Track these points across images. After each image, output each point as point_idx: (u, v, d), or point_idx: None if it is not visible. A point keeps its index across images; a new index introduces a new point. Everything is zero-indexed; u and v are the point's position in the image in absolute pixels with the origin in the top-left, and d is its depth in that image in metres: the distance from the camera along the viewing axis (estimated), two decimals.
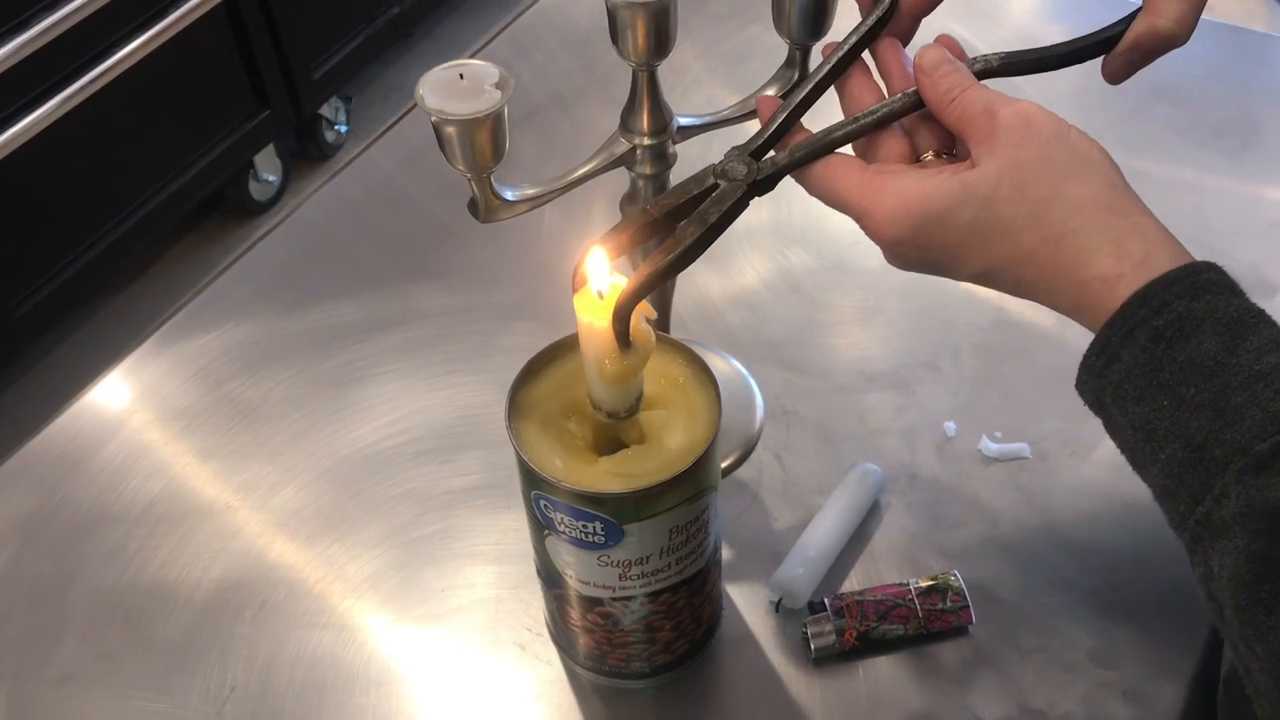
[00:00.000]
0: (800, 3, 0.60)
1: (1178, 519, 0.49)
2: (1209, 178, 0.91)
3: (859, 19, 0.57)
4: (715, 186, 0.54)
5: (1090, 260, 0.50)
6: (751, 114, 0.62)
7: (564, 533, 0.56)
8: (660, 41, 0.56)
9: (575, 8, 1.08)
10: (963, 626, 0.66)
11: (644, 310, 0.52)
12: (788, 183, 0.55)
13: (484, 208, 0.58)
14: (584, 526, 0.55)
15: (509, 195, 0.58)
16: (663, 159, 0.61)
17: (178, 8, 1.83)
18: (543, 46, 1.03)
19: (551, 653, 0.66)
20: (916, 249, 0.53)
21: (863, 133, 0.55)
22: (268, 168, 2.18)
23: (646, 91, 0.58)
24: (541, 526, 0.57)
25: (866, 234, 0.54)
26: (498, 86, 0.53)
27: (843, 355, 0.80)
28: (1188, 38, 0.53)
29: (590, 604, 0.60)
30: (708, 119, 0.62)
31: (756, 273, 0.85)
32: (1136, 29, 0.54)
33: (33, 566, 0.72)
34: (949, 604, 0.66)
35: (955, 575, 0.66)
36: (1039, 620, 0.67)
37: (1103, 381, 0.50)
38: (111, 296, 2.03)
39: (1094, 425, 0.74)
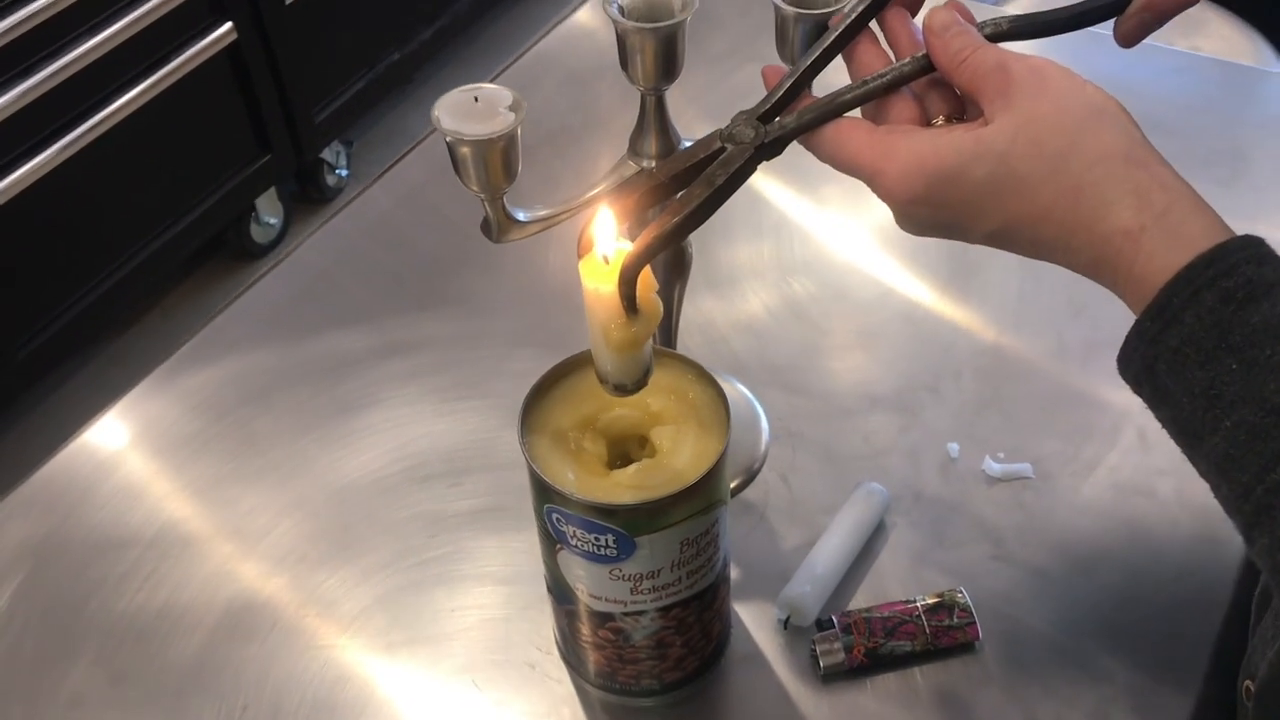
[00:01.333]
0: (802, 33, 0.61)
1: (1240, 489, 0.46)
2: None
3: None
4: (722, 150, 0.53)
5: (1110, 212, 0.48)
6: None
7: (576, 546, 0.57)
8: (668, 66, 0.58)
9: (571, 53, 1.10)
10: (969, 642, 0.66)
11: (647, 279, 0.51)
12: (790, 221, 0.56)
13: (497, 228, 0.59)
14: (596, 539, 0.56)
15: (521, 216, 0.59)
16: None
17: (181, 54, 1.85)
18: (540, 88, 1.05)
19: (561, 671, 0.67)
20: (930, 208, 0.51)
21: (872, 96, 0.53)
22: (269, 211, 2.20)
23: (655, 115, 0.60)
24: (553, 541, 0.58)
25: (879, 195, 0.52)
26: (511, 109, 0.55)
27: (845, 379, 0.81)
28: None
29: (601, 619, 0.60)
30: None
31: (760, 300, 0.87)
32: None
33: (45, 590, 0.72)
34: (956, 620, 0.66)
35: (962, 592, 0.67)
36: (1045, 636, 0.67)
37: (1157, 347, 0.48)
38: (113, 339, 2.04)
39: (1094, 445, 0.76)
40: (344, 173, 2.34)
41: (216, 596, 0.72)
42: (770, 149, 0.53)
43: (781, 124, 0.53)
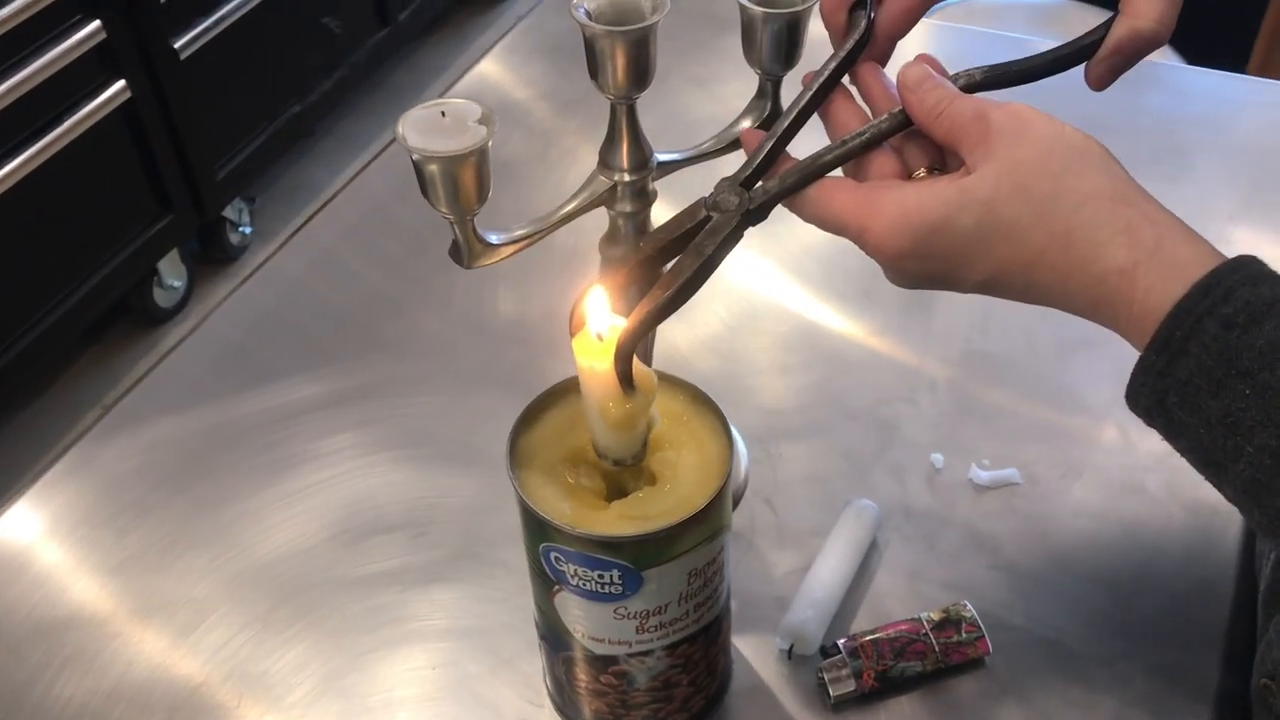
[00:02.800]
0: (771, 34, 0.59)
1: (1272, 514, 0.46)
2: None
3: (832, 49, 0.57)
4: (708, 219, 0.53)
5: (1102, 253, 0.48)
6: (730, 147, 0.61)
7: (577, 586, 0.53)
8: (639, 73, 0.55)
9: (490, 95, 1.07)
10: (980, 658, 0.64)
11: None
12: (748, 237, 0.54)
13: (468, 252, 0.55)
14: (600, 576, 0.52)
15: (493, 239, 0.56)
16: (643, 196, 0.59)
17: (72, 114, 1.78)
18: None
19: None
20: (919, 261, 0.51)
21: (851, 155, 0.54)
22: (172, 273, 2.12)
23: (626, 126, 0.57)
24: (550, 583, 0.54)
25: (867, 252, 0.52)
26: (481, 123, 0.51)
27: (819, 395, 0.79)
28: (1169, 36, 0.53)
29: (603, 664, 0.56)
30: (688, 153, 0.60)
31: (720, 320, 0.84)
32: (1117, 33, 0.53)
33: None
34: (964, 635, 0.64)
35: (967, 606, 0.64)
36: (1055, 645, 0.65)
37: (1166, 381, 0.47)
38: (14, 415, 1.94)
39: (1078, 446, 0.75)
40: (248, 230, 2.27)
41: (170, 676, 0.66)
42: (756, 214, 0.53)
43: (765, 188, 0.53)
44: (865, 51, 0.57)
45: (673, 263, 0.52)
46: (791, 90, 0.62)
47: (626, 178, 0.58)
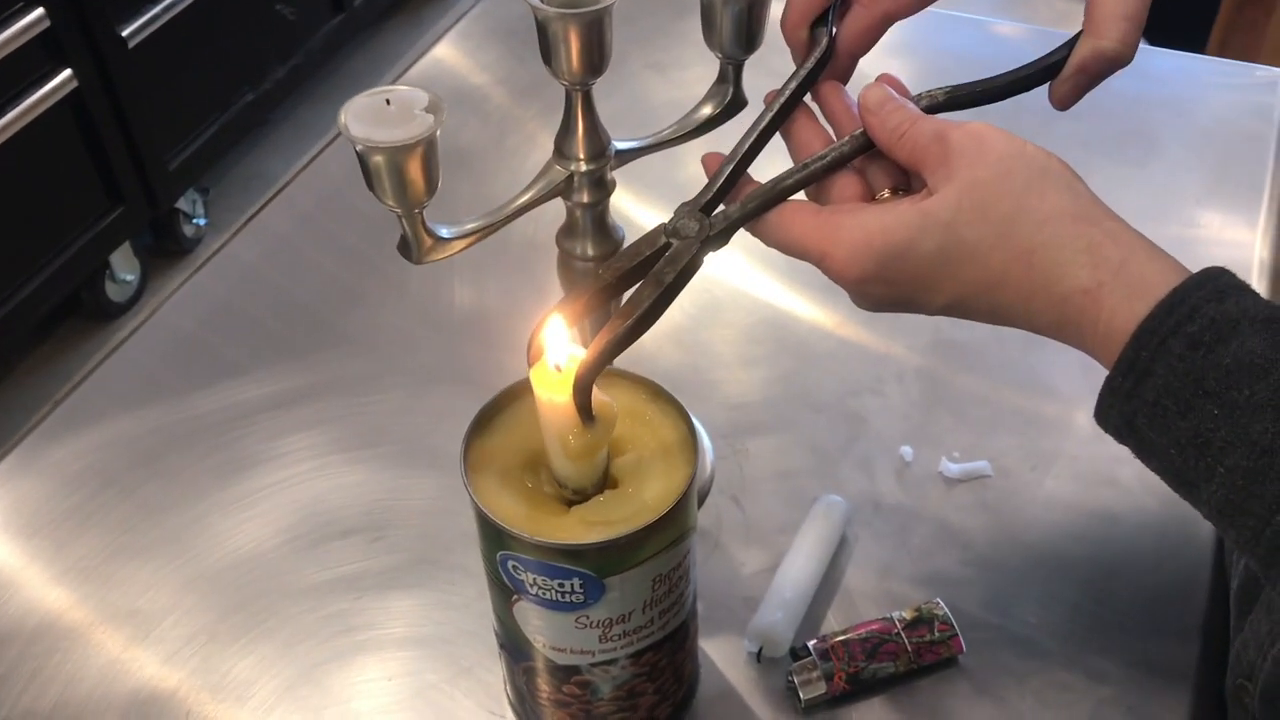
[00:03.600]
0: (731, 16, 0.57)
1: (1248, 534, 0.45)
2: (1118, 189, 0.90)
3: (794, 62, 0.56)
4: (668, 246, 0.52)
5: (1065, 273, 0.48)
6: (691, 134, 0.59)
7: (536, 595, 0.51)
8: (594, 58, 0.53)
9: (432, 88, 1.05)
10: (953, 657, 0.62)
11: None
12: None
13: (418, 247, 0.53)
14: (560, 585, 0.50)
15: (444, 233, 0.53)
16: (601, 186, 0.57)
17: (16, 105, 1.74)
18: None
19: None
20: (883, 285, 0.50)
21: (814, 179, 0.53)
22: (124, 267, 2.08)
23: (582, 113, 0.55)
24: (509, 592, 0.52)
25: (830, 277, 0.52)
26: (428, 110, 0.49)
27: (786, 388, 0.77)
28: (1133, 56, 0.52)
29: (565, 674, 0.54)
30: (648, 141, 0.58)
31: (683, 311, 0.82)
32: (1081, 52, 0.52)
33: None
34: (937, 634, 0.62)
35: (939, 604, 0.63)
36: (1029, 641, 0.63)
37: (1134, 402, 0.47)
38: None
39: (1049, 436, 0.73)
40: (202, 221, 2.22)
41: (116, 690, 0.63)
42: (716, 240, 0.52)
43: (726, 214, 0.52)
44: (827, 69, 0.56)
45: (631, 291, 0.51)
46: (753, 75, 0.60)
47: (583, 167, 0.56)
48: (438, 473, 0.73)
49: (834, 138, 0.54)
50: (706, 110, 0.59)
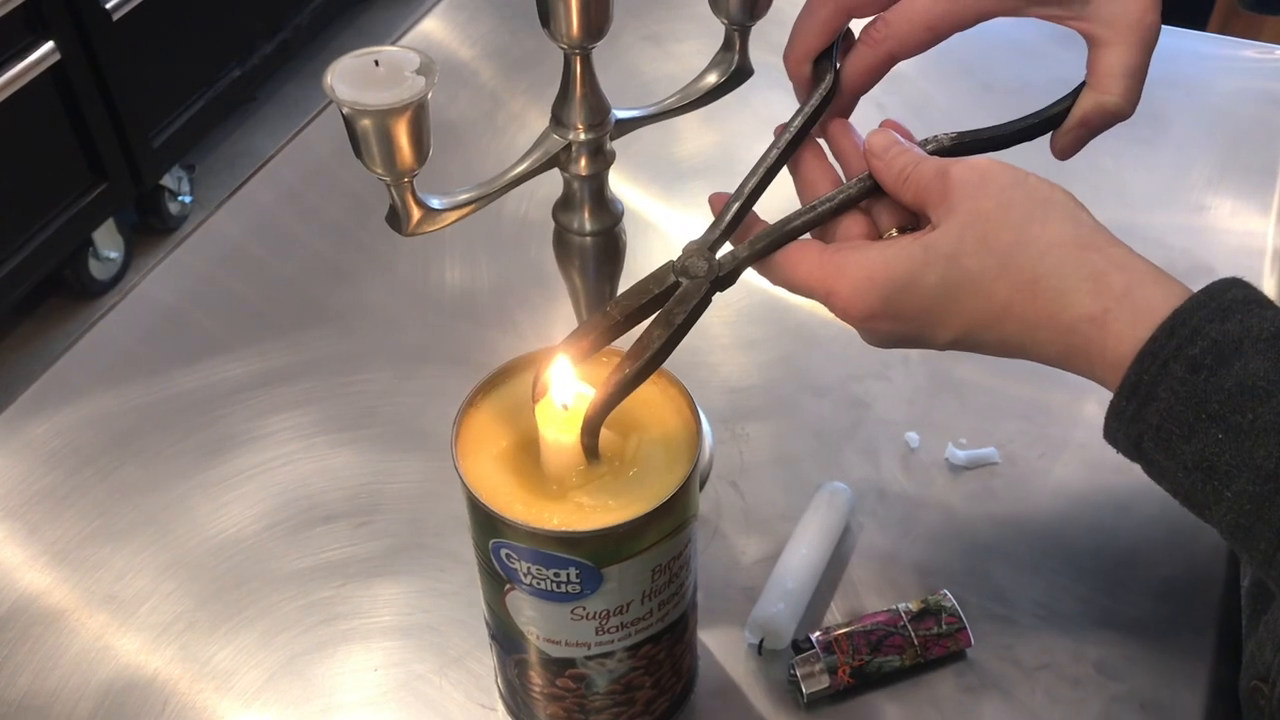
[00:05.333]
0: None
1: (1260, 556, 0.44)
2: (1128, 169, 0.89)
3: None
4: (676, 285, 0.51)
5: (1070, 301, 0.47)
6: (694, 104, 0.57)
7: (530, 585, 0.48)
8: (597, 18, 0.50)
9: (434, 53, 1.02)
10: (961, 650, 0.60)
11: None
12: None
13: (406, 218, 0.50)
14: (556, 575, 0.47)
15: (435, 203, 0.51)
16: (600, 156, 0.55)
17: None
18: None
19: None
20: (889, 321, 0.50)
21: (821, 220, 0.52)
22: (108, 244, 2.04)
23: (580, 78, 0.52)
24: (501, 581, 0.49)
25: (836, 314, 0.51)
26: (419, 73, 0.46)
27: (786, 371, 0.75)
28: (1133, 111, 0.53)
29: (560, 667, 0.52)
30: (650, 110, 0.56)
31: None
32: (1083, 106, 0.53)
33: None
34: (944, 627, 0.60)
35: (946, 595, 0.61)
36: (1038, 634, 0.61)
37: (1139, 426, 0.46)
38: None
39: (1057, 422, 0.71)
40: (187, 199, 2.19)
41: (91, 678, 0.61)
42: (724, 281, 0.52)
43: (735, 255, 0.52)
44: (831, 106, 0.55)
45: (643, 327, 0.50)
46: (758, 47, 0.58)
47: (582, 136, 0.53)
48: (426, 455, 0.70)
49: (842, 175, 0.54)
50: (711, 79, 0.57)
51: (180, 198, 2.18)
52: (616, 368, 0.49)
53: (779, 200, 0.55)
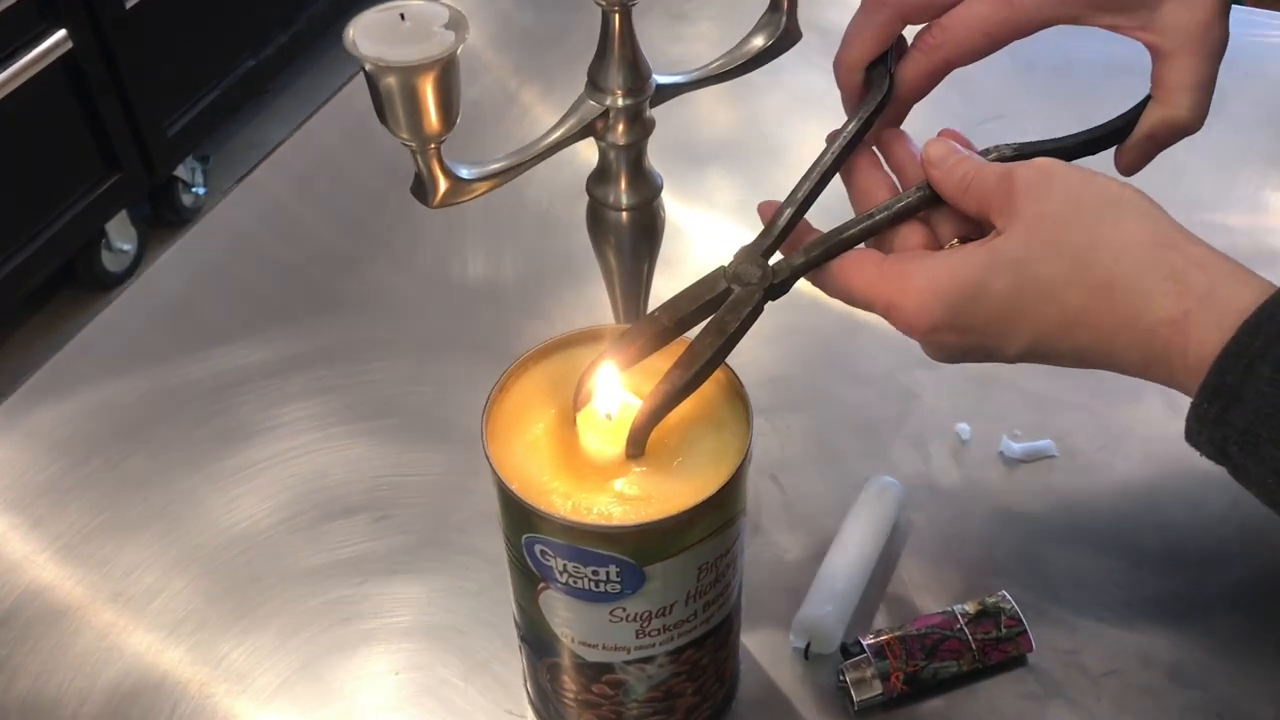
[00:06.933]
0: None
1: None
2: (1181, 149, 0.85)
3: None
4: (728, 291, 0.49)
5: (1150, 304, 0.44)
6: (739, 70, 0.53)
7: (566, 584, 0.45)
8: None
9: None
10: (1021, 655, 0.56)
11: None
12: (761, 184, 0.47)
13: (433, 189, 0.47)
14: (594, 573, 0.44)
15: (464, 173, 0.47)
16: (639, 124, 0.51)
17: (8, 66, 1.67)
18: None
19: None
20: (955, 333, 0.47)
21: (878, 229, 0.50)
22: (121, 236, 2.02)
23: (619, 38, 0.48)
24: (534, 580, 0.46)
25: (899, 328, 0.48)
26: (449, 28, 0.43)
27: (829, 359, 0.71)
28: (1201, 125, 0.50)
29: (596, 672, 0.48)
30: (694, 75, 0.52)
31: None
32: (1150, 120, 0.51)
33: None
34: (1004, 630, 0.56)
35: (1005, 596, 0.57)
36: (1103, 639, 0.57)
37: (1224, 429, 0.43)
38: None
39: (1117, 412, 0.67)
40: (201, 190, 2.16)
41: (97, 679, 0.58)
42: (778, 289, 0.50)
43: (789, 262, 0.50)
44: (885, 113, 0.52)
45: (694, 334, 0.48)
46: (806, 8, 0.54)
47: (620, 101, 0.50)
48: (449, 446, 0.67)
49: (900, 188, 0.51)
50: (758, 41, 0.53)
51: (194, 189, 2.15)
52: (665, 376, 0.46)
53: (826, 210, 0.51)
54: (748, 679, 0.56)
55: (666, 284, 0.63)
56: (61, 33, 1.74)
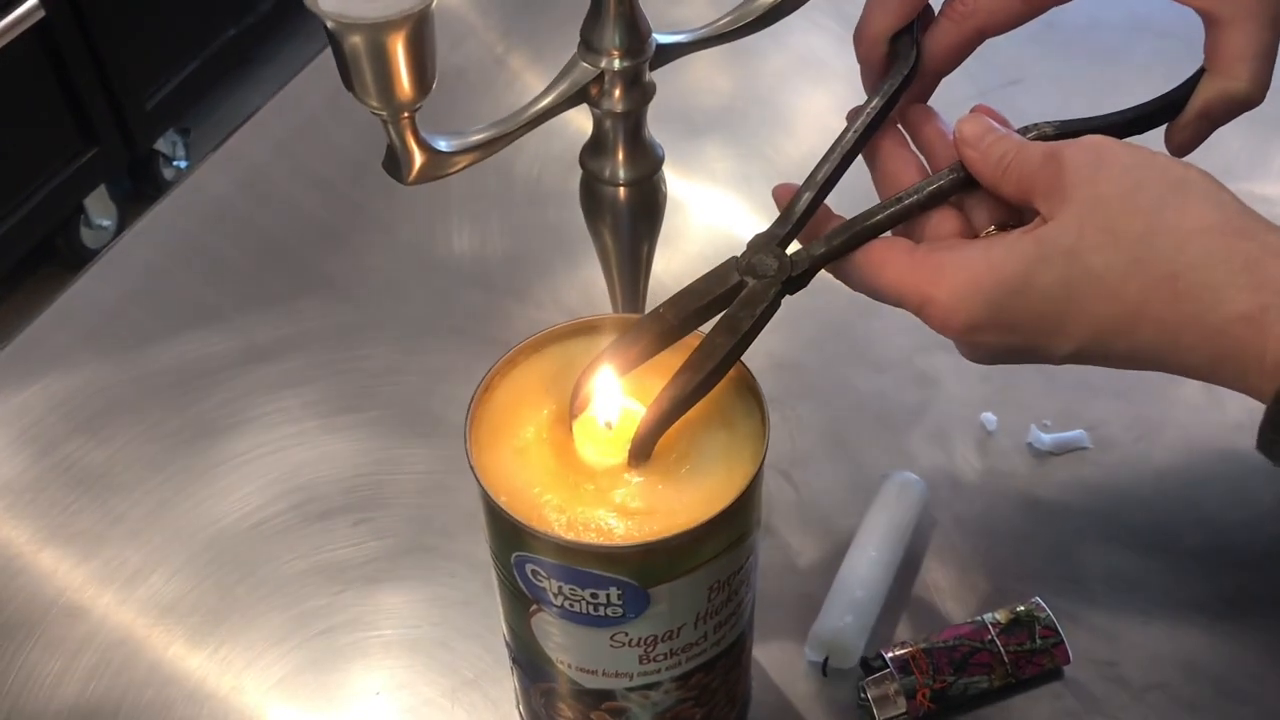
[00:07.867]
0: None
1: None
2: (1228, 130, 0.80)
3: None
4: (741, 285, 0.44)
5: (1221, 298, 0.40)
6: (749, 25, 0.48)
7: (561, 606, 0.40)
8: None
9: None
10: (1057, 668, 0.52)
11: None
12: (771, 165, 0.42)
13: (408, 163, 0.41)
14: (593, 596, 0.39)
15: (443, 145, 0.42)
16: (638, 89, 0.46)
17: None
18: None
19: None
20: (998, 332, 0.43)
21: (907, 215, 0.45)
22: (100, 212, 1.96)
23: None
24: (526, 602, 0.41)
25: (933, 326, 0.44)
26: None
27: (842, 343, 0.66)
28: (1263, 98, 0.45)
29: (595, 699, 0.44)
30: (699, 33, 0.47)
31: (719, 254, 0.70)
32: (1205, 93, 0.46)
33: None
34: (1038, 641, 0.51)
35: (1039, 604, 0.52)
36: (1145, 648, 0.53)
37: None
38: None
39: (1153, 401, 0.62)
40: (182, 164, 2.11)
41: (49, 699, 0.53)
42: (797, 282, 0.45)
43: (809, 252, 0.45)
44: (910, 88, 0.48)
45: (705, 333, 0.43)
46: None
47: (616, 64, 0.44)
48: (434, 442, 0.62)
49: (929, 169, 0.47)
50: None
51: (175, 163, 2.09)
52: (672, 380, 0.41)
53: (848, 193, 0.46)
54: (760, 699, 0.51)
55: (665, 265, 0.59)
56: (33, 1, 1.68)
